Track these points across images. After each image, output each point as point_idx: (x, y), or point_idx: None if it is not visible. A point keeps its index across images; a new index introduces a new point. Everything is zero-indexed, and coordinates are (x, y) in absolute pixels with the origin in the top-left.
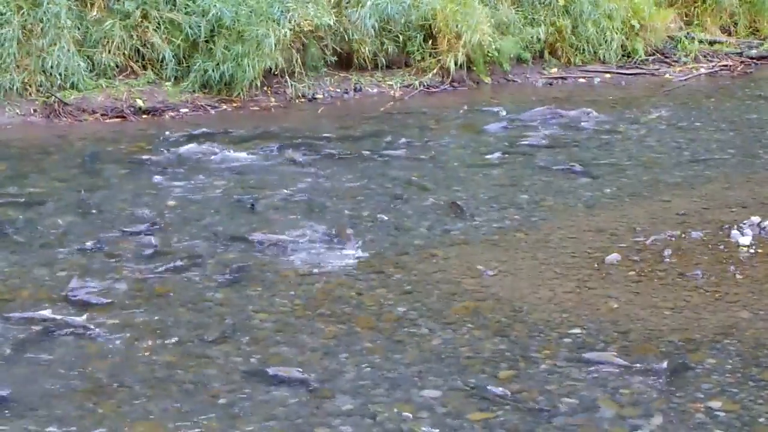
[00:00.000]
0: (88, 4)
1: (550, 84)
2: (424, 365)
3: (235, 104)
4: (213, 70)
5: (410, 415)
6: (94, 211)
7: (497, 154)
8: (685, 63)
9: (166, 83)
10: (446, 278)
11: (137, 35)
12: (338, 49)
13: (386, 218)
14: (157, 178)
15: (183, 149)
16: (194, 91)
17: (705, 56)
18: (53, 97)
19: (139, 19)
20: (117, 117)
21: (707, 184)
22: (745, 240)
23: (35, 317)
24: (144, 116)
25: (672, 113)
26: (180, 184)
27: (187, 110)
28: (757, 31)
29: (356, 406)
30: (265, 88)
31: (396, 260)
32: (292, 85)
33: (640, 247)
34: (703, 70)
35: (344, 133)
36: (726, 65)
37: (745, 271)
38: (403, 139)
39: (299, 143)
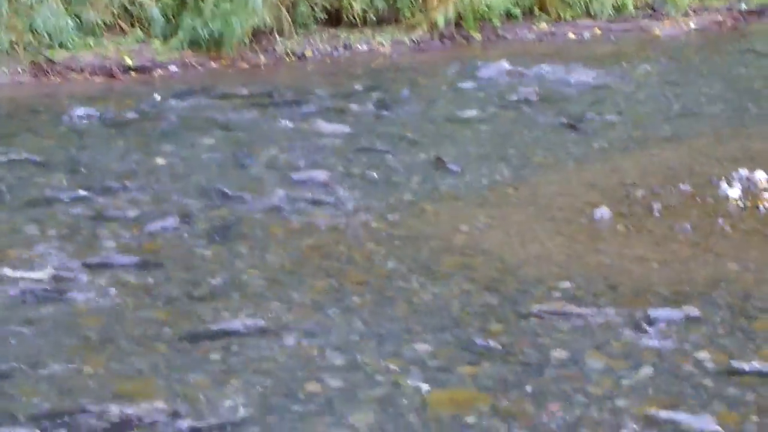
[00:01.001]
0: None
1: (540, 40)
2: (414, 319)
3: (224, 62)
4: (201, 28)
5: (395, 368)
6: (83, 169)
7: (487, 110)
8: (674, 17)
9: (155, 41)
10: (436, 233)
11: None
12: (327, 6)
13: (376, 175)
14: (146, 135)
15: (172, 107)
16: (183, 49)
17: (695, 11)
18: (41, 56)
19: None
20: (105, 75)
21: (697, 138)
22: (734, 193)
23: (24, 276)
24: (132, 74)
25: (661, 68)
26: (169, 141)
27: (175, 68)
28: None
29: (346, 360)
30: (255, 46)
31: (386, 216)
32: (281, 42)
33: (630, 200)
34: (692, 25)
35: (334, 90)
36: (716, 20)
37: (734, 223)
38: (393, 96)
39: (289, 100)
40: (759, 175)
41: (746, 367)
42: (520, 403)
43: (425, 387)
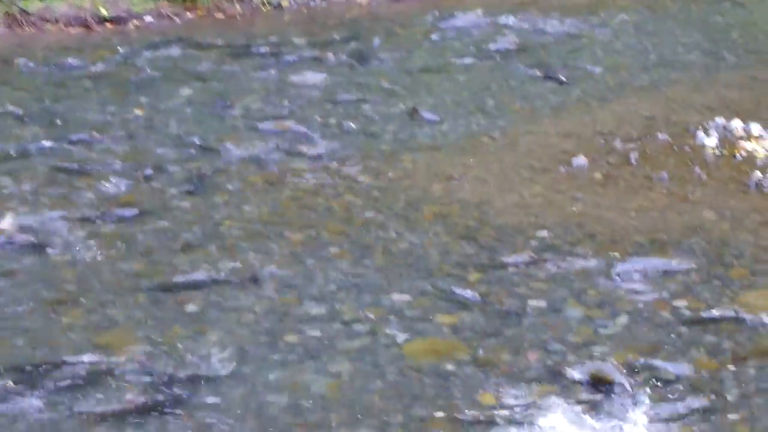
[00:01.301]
0: None
1: None
2: (392, 269)
3: (200, 12)
4: None
5: (373, 318)
6: (59, 121)
7: (464, 60)
8: None
9: None
10: (414, 183)
11: None
12: None
13: (353, 125)
14: (123, 87)
15: (148, 58)
16: (158, 0)
17: None
18: (15, 6)
19: None
20: (80, 26)
21: (673, 86)
22: (711, 141)
23: (0, 228)
24: (108, 25)
25: (638, 17)
26: (145, 92)
27: (151, 19)
28: None
29: (324, 310)
30: None
31: (363, 166)
32: None
33: (607, 149)
34: None
35: (311, 39)
36: None
37: (711, 172)
38: (370, 46)
39: (265, 51)
40: (735, 123)
41: (723, 314)
42: (499, 352)
43: (403, 336)
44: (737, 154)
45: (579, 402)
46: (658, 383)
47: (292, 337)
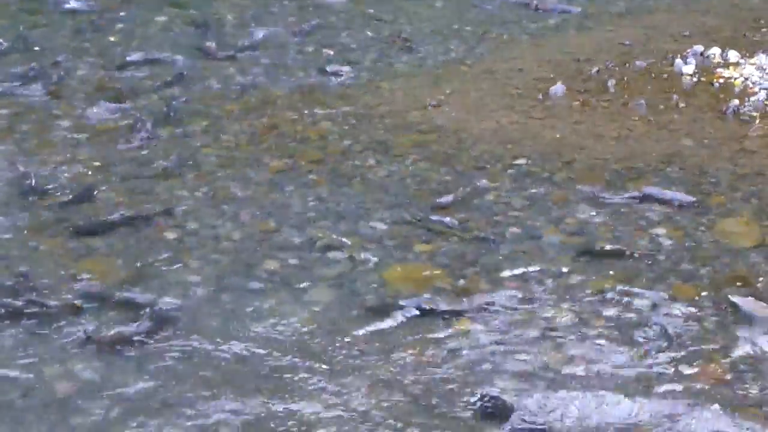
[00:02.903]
0: None
1: None
2: (370, 197)
3: None
4: None
5: (352, 245)
6: (36, 48)
7: None
8: None
9: None
10: (391, 111)
11: None
12: None
13: (331, 52)
14: (97, 14)
15: None
16: None
17: None
18: None
19: None
20: None
21: (651, 14)
22: (688, 69)
23: None
24: None
25: None
26: (120, 20)
27: None
28: None
29: (303, 239)
30: None
31: (341, 93)
32: None
33: (585, 77)
34: None
35: None
36: None
37: (688, 99)
38: None
39: None
40: (713, 50)
41: (701, 242)
42: (477, 280)
43: (382, 264)
44: (715, 82)
45: (556, 328)
46: (636, 311)
47: (271, 264)
